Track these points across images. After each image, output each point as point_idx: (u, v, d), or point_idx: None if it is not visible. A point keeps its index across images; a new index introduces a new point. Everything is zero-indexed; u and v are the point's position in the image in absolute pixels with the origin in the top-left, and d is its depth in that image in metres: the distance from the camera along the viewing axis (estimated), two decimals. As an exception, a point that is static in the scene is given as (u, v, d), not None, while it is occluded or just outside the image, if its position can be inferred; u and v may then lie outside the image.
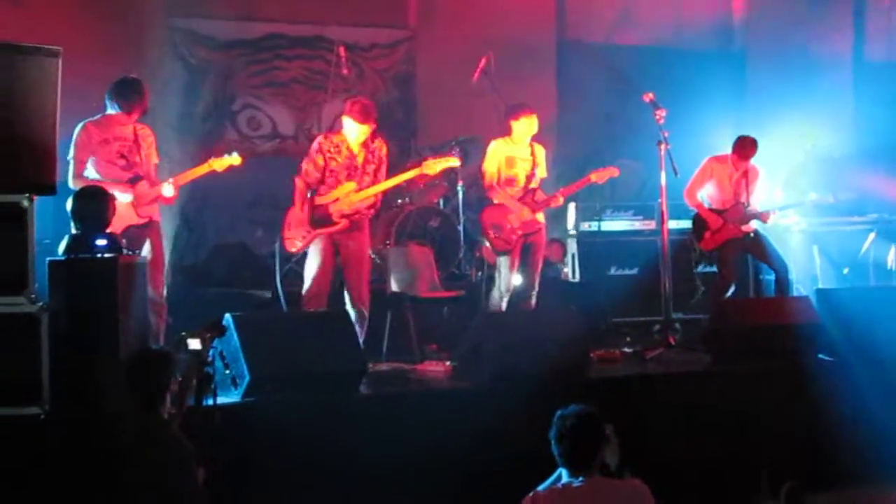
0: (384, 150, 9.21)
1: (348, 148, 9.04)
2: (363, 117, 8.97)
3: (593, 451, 5.62)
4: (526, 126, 9.67)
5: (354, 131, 9.00)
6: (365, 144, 9.07)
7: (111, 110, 8.36)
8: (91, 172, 8.26)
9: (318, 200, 8.98)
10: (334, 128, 9.25)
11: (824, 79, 13.99)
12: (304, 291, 9.04)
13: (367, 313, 9.05)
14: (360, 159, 9.05)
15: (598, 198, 11.64)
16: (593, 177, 9.87)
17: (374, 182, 9.09)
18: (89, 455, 6.51)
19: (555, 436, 5.64)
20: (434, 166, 9.43)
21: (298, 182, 9.07)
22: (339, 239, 9.04)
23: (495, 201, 9.75)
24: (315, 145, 9.13)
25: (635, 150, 11.59)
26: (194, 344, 6.26)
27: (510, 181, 9.71)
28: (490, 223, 9.71)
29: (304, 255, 9.17)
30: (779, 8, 14.41)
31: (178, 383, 6.29)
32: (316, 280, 8.97)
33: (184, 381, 6.30)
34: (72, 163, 8.23)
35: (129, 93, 8.36)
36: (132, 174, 8.34)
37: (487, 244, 9.84)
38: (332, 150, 9.04)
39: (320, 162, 9.02)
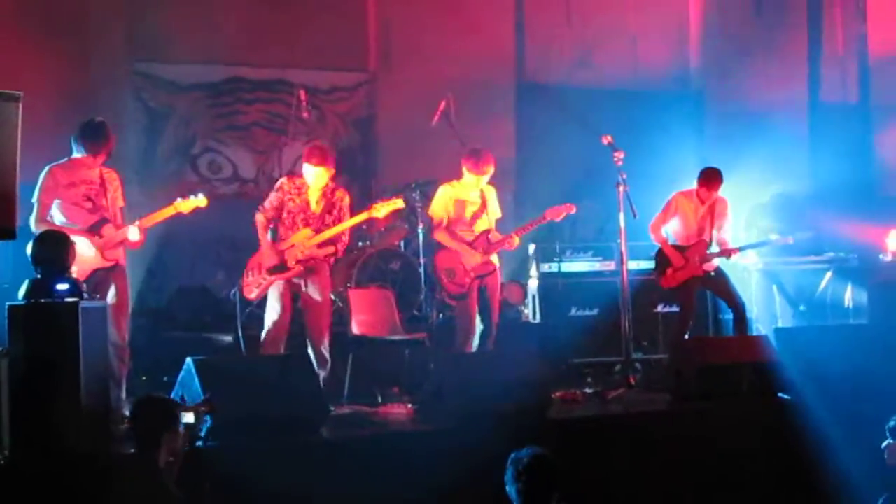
0: (346, 201, 9.29)
1: (307, 193, 9.12)
2: (319, 160, 9.08)
3: (548, 492, 5.62)
4: (475, 180, 9.75)
5: (312, 175, 9.09)
6: (325, 194, 9.13)
7: (77, 153, 8.33)
8: (57, 216, 8.23)
9: (279, 246, 9.06)
10: (296, 171, 9.30)
11: (781, 120, 14.14)
12: (262, 336, 9.07)
13: (328, 357, 9.06)
14: (318, 208, 9.12)
15: (557, 239, 11.69)
16: (548, 215, 9.92)
17: (327, 226, 9.15)
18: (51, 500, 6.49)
19: (510, 478, 5.64)
20: (381, 209, 9.44)
21: (258, 216, 9.17)
22: (298, 284, 9.08)
23: (443, 245, 9.80)
24: (277, 184, 9.27)
25: (594, 192, 11.66)
26: (188, 417, 6.32)
27: (460, 224, 9.78)
28: (443, 268, 9.76)
29: (265, 299, 9.18)
30: (735, 50, 14.58)
31: (179, 436, 6.31)
32: (274, 325, 9.01)
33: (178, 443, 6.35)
34: (36, 205, 8.18)
35: (94, 135, 8.34)
36: (99, 217, 8.32)
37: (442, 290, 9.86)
38: (292, 191, 9.14)
39: (275, 202, 9.14)
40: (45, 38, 11.21)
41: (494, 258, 9.81)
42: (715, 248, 10.45)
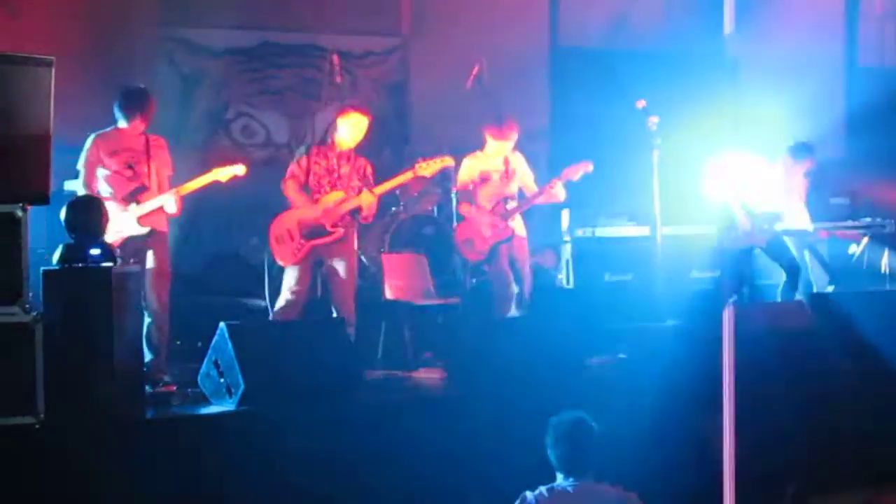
0: (369, 170, 9.23)
1: (333, 157, 9.07)
2: (362, 109, 9.16)
3: (588, 454, 5.66)
4: (499, 147, 9.71)
5: (354, 126, 9.06)
6: (349, 158, 9.09)
7: (120, 121, 8.40)
8: (101, 184, 8.36)
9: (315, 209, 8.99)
10: (328, 135, 9.29)
11: (816, 84, 14.00)
12: (280, 302, 9.01)
13: (353, 319, 9.01)
14: (345, 170, 9.07)
15: (591, 204, 11.62)
16: (565, 175, 9.92)
17: (360, 187, 9.09)
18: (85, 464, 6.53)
19: (551, 441, 5.67)
20: (427, 168, 9.36)
21: (291, 185, 9.07)
22: (325, 251, 9.03)
23: (463, 214, 9.88)
24: (302, 150, 9.24)
25: (628, 156, 11.57)
26: None
27: (488, 193, 9.83)
28: (462, 240, 9.85)
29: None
30: (770, 13, 14.42)
31: None
32: (296, 292, 8.95)
33: None
34: (81, 171, 8.36)
35: (131, 102, 8.44)
36: (138, 184, 8.38)
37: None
38: (318, 155, 9.08)
39: (304, 164, 9.07)
40: (76, 1, 11.22)
41: (517, 227, 9.79)
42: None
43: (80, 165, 8.36)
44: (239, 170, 8.76)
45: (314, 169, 9.06)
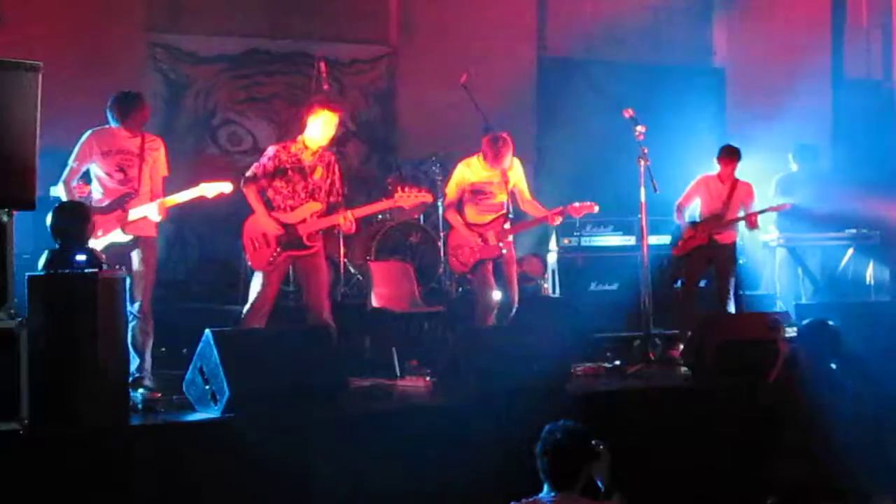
0: (338, 170, 9.02)
1: (304, 159, 8.84)
2: (336, 106, 8.99)
3: (576, 467, 5.60)
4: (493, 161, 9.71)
5: (329, 125, 8.84)
6: (321, 156, 8.90)
7: (111, 124, 8.37)
8: (94, 184, 8.32)
9: (283, 218, 8.79)
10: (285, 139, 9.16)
11: (803, 95, 14.03)
12: (247, 308, 8.82)
13: (332, 323, 8.89)
14: (318, 174, 8.88)
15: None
16: (570, 210, 9.89)
17: (330, 196, 8.96)
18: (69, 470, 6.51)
19: (540, 450, 5.62)
20: (406, 199, 9.09)
21: (251, 190, 8.80)
22: (297, 259, 8.89)
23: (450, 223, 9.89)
24: (270, 151, 8.90)
25: (615, 166, 11.61)
26: None
27: (482, 198, 9.79)
28: (454, 244, 9.84)
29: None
30: (758, 24, 14.47)
31: None
32: (262, 299, 8.76)
33: None
34: (69, 166, 8.25)
35: (123, 107, 8.35)
36: (128, 189, 8.31)
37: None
38: (289, 159, 8.82)
39: (270, 168, 8.78)
40: (64, 7, 11.21)
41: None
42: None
43: (72, 160, 8.24)
44: (225, 187, 8.57)
45: (287, 175, 8.80)
